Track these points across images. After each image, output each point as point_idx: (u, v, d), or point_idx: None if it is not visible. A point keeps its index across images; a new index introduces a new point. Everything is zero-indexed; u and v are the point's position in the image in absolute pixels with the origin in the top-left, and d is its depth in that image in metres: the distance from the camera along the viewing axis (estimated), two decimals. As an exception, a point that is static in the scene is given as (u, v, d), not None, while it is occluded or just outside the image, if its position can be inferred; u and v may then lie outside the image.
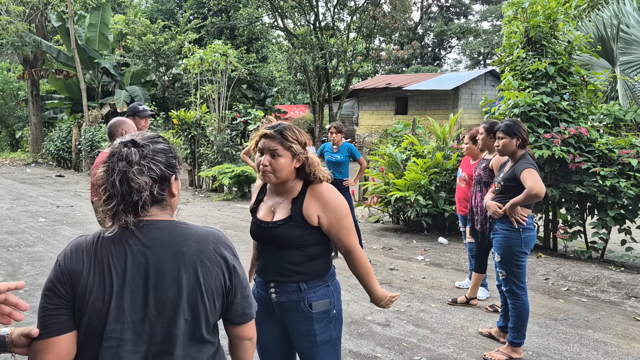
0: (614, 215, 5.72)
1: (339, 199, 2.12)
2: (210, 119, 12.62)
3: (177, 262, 1.37)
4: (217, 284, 1.42)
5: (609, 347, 3.88)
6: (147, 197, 1.36)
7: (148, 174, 1.36)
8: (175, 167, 1.46)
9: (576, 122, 6.09)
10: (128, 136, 1.43)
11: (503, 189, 3.59)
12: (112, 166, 1.36)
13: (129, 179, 1.34)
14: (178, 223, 1.45)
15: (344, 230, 2.10)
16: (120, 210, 1.35)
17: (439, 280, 5.52)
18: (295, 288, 2.11)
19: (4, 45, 18.98)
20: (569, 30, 6.44)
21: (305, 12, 21.51)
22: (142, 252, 1.36)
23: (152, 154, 1.39)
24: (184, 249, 1.39)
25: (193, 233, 1.43)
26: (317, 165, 2.14)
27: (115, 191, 1.34)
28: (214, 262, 1.42)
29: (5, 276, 5.50)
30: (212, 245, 1.44)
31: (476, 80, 22.59)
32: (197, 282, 1.38)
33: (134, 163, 1.35)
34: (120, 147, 1.38)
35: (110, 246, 1.36)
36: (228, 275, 1.45)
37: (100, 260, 1.34)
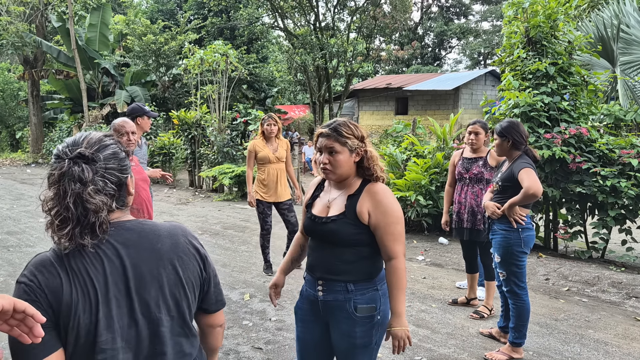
0: (614, 216, 5.72)
1: (394, 203, 2.10)
2: (210, 119, 12.63)
3: (154, 260, 1.35)
4: (195, 275, 1.43)
5: (610, 347, 3.88)
6: (105, 217, 1.27)
7: (104, 190, 1.28)
8: (128, 167, 1.39)
9: (576, 122, 6.09)
10: (70, 142, 1.31)
11: (501, 189, 3.59)
12: (64, 188, 1.24)
13: (84, 200, 1.24)
14: (144, 222, 1.41)
15: (390, 235, 2.06)
16: (76, 234, 1.25)
17: (440, 281, 5.52)
18: (343, 288, 2.10)
19: (5, 46, 18.99)
20: (569, 31, 6.44)
21: (306, 13, 21.52)
22: (117, 255, 1.31)
23: (105, 164, 1.30)
24: (158, 247, 1.37)
25: (162, 229, 1.41)
26: (377, 160, 2.13)
27: (70, 214, 1.24)
28: (189, 254, 1.42)
29: (5, 276, 5.51)
30: (183, 239, 1.43)
31: (476, 80, 22.60)
32: (177, 277, 1.37)
33: (88, 182, 1.25)
34: (70, 166, 1.26)
35: (84, 255, 1.28)
36: (202, 264, 1.46)
37: (78, 271, 1.26)
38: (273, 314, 4.47)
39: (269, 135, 5.49)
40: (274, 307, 4.11)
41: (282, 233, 5.90)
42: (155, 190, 12.15)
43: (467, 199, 4.40)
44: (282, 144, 5.59)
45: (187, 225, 8.57)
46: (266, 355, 3.70)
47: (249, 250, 6.75)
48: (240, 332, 4.08)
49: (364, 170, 2.14)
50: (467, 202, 4.41)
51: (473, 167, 4.37)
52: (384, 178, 2.17)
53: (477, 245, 4.48)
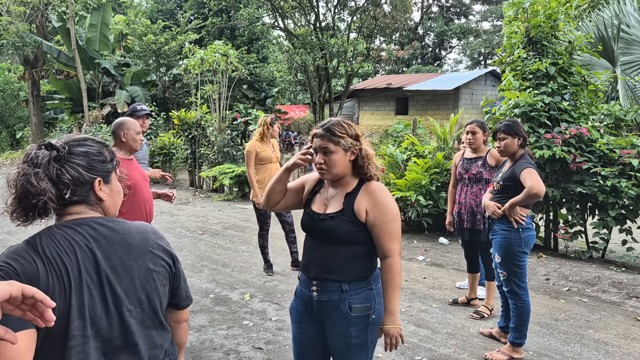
0: (614, 216, 5.72)
1: (391, 201, 2.12)
2: (210, 119, 12.63)
3: (126, 253, 1.40)
4: (165, 269, 1.48)
5: (610, 347, 3.88)
6: (47, 201, 1.33)
7: (57, 177, 1.34)
8: (98, 171, 1.44)
9: (577, 122, 6.09)
10: (56, 139, 1.42)
11: (502, 188, 3.59)
12: (20, 168, 1.36)
13: (27, 182, 1.32)
14: (114, 219, 1.47)
15: (387, 233, 2.08)
16: (17, 211, 1.35)
17: (440, 281, 5.52)
18: (337, 288, 2.11)
19: (5, 46, 19.00)
20: (569, 31, 6.43)
21: (306, 13, 21.52)
22: (89, 247, 1.36)
23: (69, 157, 1.38)
24: (129, 241, 1.42)
25: (132, 226, 1.47)
26: (371, 158, 2.15)
27: (16, 191, 1.34)
28: (159, 250, 1.48)
29: (6, 276, 5.50)
30: (152, 236, 1.49)
31: (477, 80, 22.60)
32: (148, 270, 1.43)
33: (39, 165, 1.34)
34: (33, 149, 1.37)
35: (56, 244, 1.33)
36: (172, 261, 1.51)
37: (52, 257, 1.31)
38: (273, 314, 4.47)
39: (273, 135, 5.54)
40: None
41: (282, 233, 5.90)
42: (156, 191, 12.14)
43: (466, 199, 4.40)
44: (275, 144, 5.68)
45: (187, 225, 8.56)
46: (266, 355, 3.70)
47: (249, 250, 6.74)
48: (240, 332, 4.08)
49: (358, 168, 2.16)
50: (466, 202, 4.41)
51: (472, 167, 4.36)
52: (379, 177, 2.18)
53: (478, 245, 4.48)
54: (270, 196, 2.32)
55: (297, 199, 2.34)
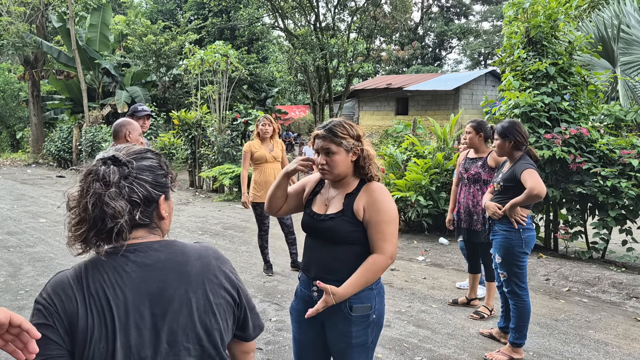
0: (614, 216, 5.72)
1: (390, 202, 2.11)
2: (210, 120, 12.63)
3: (183, 284, 1.23)
4: (227, 300, 1.30)
5: (610, 348, 3.88)
6: (123, 224, 1.18)
7: (128, 197, 1.20)
8: (164, 186, 1.30)
9: (577, 123, 6.09)
10: (112, 150, 1.27)
11: (502, 189, 3.59)
12: (87, 187, 1.19)
13: (103, 202, 1.17)
14: (173, 242, 1.31)
15: (380, 234, 2.07)
16: (90, 238, 1.19)
17: (440, 281, 5.51)
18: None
19: (5, 46, 19.00)
20: (569, 31, 6.43)
21: (306, 13, 21.53)
22: (142, 278, 1.20)
23: (136, 173, 1.23)
24: (187, 269, 1.26)
25: (192, 250, 1.31)
26: (373, 159, 2.15)
27: (87, 216, 1.17)
28: (220, 278, 1.30)
29: (6, 277, 5.51)
30: (214, 262, 1.32)
31: (477, 80, 22.60)
32: (207, 302, 1.25)
33: (112, 184, 1.19)
34: (98, 165, 1.22)
35: (104, 276, 1.19)
36: (235, 290, 1.33)
37: (96, 294, 1.17)
38: (273, 315, 4.47)
39: (264, 136, 5.51)
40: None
41: (281, 233, 5.90)
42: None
43: (465, 199, 4.40)
44: (277, 144, 5.63)
45: (187, 226, 8.55)
46: (266, 355, 3.70)
47: (249, 251, 6.74)
48: (240, 333, 4.08)
49: (359, 169, 2.17)
50: (464, 202, 4.41)
51: (472, 167, 4.36)
52: (380, 177, 2.19)
53: (477, 245, 4.47)
54: (272, 202, 2.32)
55: (298, 202, 2.33)
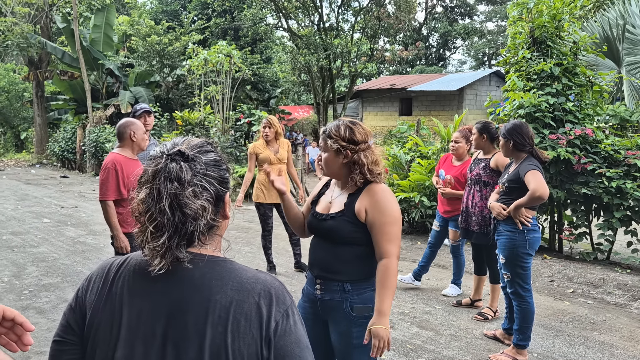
0: (620, 217, 5.68)
1: (392, 203, 2.11)
2: (214, 120, 12.64)
3: (205, 312, 1.06)
4: (250, 350, 1.05)
5: (615, 350, 3.85)
6: (203, 225, 1.07)
7: (204, 195, 1.08)
8: (228, 182, 1.17)
9: (582, 123, 6.06)
10: (169, 144, 1.13)
11: (507, 190, 3.58)
12: (159, 188, 1.05)
13: (182, 204, 1.04)
14: (220, 260, 1.13)
15: (384, 235, 2.07)
16: (172, 246, 1.05)
17: (444, 282, 5.49)
18: (340, 287, 2.12)
19: (10, 47, 19.08)
20: (574, 31, 6.40)
21: (310, 13, 21.52)
22: (166, 292, 1.08)
23: (205, 169, 1.10)
24: (216, 297, 1.06)
25: (234, 277, 1.10)
26: (372, 164, 2.13)
27: (166, 220, 1.04)
28: (252, 321, 1.06)
29: (10, 277, 5.52)
30: (256, 299, 1.08)
31: (481, 81, 22.54)
32: (224, 344, 1.04)
33: (187, 183, 1.05)
34: (167, 162, 1.07)
35: (130, 279, 1.11)
36: (267, 342, 1.06)
37: (115, 293, 1.09)
38: (276, 315, 4.46)
39: (265, 139, 5.51)
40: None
41: (285, 234, 5.89)
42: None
43: (466, 199, 4.39)
44: (283, 144, 5.60)
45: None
46: (269, 356, 3.68)
47: (252, 252, 6.74)
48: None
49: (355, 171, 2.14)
50: (465, 202, 4.39)
51: (475, 168, 4.35)
52: (381, 180, 2.16)
53: (482, 246, 4.45)
54: (294, 224, 2.38)
55: None
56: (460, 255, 5.11)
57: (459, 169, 4.84)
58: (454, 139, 4.82)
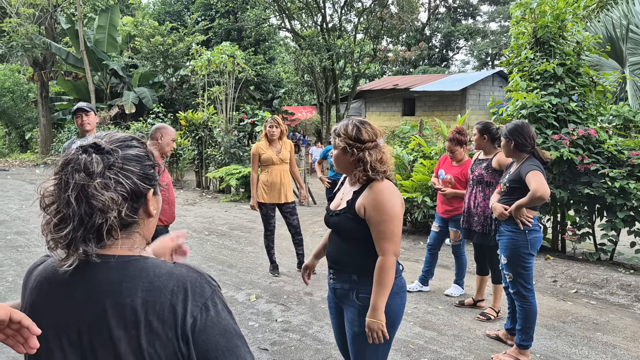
0: (623, 217, 5.67)
1: (389, 201, 2.14)
2: (217, 120, 12.66)
3: (115, 317, 1.01)
4: (168, 352, 1.01)
5: (618, 350, 3.85)
6: (114, 219, 1.03)
7: (116, 189, 1.03)
8: (153, 179, 1.12)
9: (585, 123, 6.05)
10: (91, 137, 1.10)
11: (508, 190, 3.58)
12: (66, 179, 1.02)
13: (88, 195, 1.00)
14: (133, 259, 1.07)
15: (379, 233, 2.13)
16: (78, 238, 1.01)
17: (446, 282, 5.49)
18: (348, 278, 2.25)
19: (14, 47, 19.18)
20: (577, 31, 6.39)
21: (313, 14, 21.53)
22: (78, 298, 1.04)
23: (122, 163, 1.06)
24: (126, 300, 1.02)
25: (145, 276, 1.04)
26: (375, 162, 2.18)
27: (71, 212, 1.00)
28: (166, 321, 1.01)
29: (14, 276, 5.55)
30: (167, 296, 1.02)
31: (484, 81, 22.50)
32: (139, 348, 1.00)
33: (96, 175, 1.02)
34: (78, 154, 1.04)
35: (44, 284, 1.07)
36: (184, 340, 1.01)
37: (33, 301, 1.07)
38: (279, 315, 4.47)
39: (271, 138, 5.51)
40: (306, 285, 4.28)
41: (288, 234, 5.90)
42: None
43: (468, 199, 4.39)
44: (285, 145, 5.61)
45: (194, 226, 8.57)
46: (272, 356, 3.70)
47: (255, 251, 6.76)
48: (246, 333, 4.09)
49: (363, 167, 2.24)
50: (467, 203, 4.39)
51: (477, 168, 4.35)
52: (382, 177, 2.19)
53: (484, 247, 4.45)
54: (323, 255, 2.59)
55: None
56: (462, 255, 5.11)
57: (458, 169, 4.85)
58: (448, 148, 4.87)
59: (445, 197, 4.91)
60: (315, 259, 2.64)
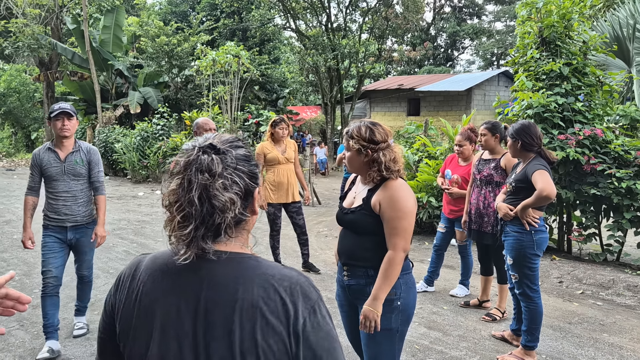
0: (630, 218, 5.64)
1: (403, 198, 2.22)
2: (222, 120, 12.69)
3: (232, 311, 1.06)
4: (278, 347, 1.05)
5: (625, 352, 3.82)
6: (231, 219, 1.09)
7: (233, 188, 1.09)
8: (257, 178, 1.18)
9: (591, 123, 6.02)
10: (202, 139, 1.15)
11: (514, 190, 3.56)
12: (190, 178, 1.07)
13: (211, 195, 1.06)
14: (246, 257, 1.13)
15: (393, 229, 2.20)
16: (198, 236, 1.06)
17: (451, 283, 5.48)
18: (364, 273, 2.30)
19: (21, 48, 19.28)
20: (584, 30, 6.36)
21: (317, 13, 21.54)
22: (195, 291, 1.08)
23: (235, 163, 1.11)
24: (244, 295, 1.06)
25: (260, 274, 1.10)
26: (389, 162, 2.26)
27: (194, 211, 1.06)
28: (280, 318, 1.06)
29: (20, 275, 5.57)
30: (283, 295, 1.08)
31: (489, 81, 22.43)
32: (253, 341, 1.04)
33: (218, 175, 1.07)
34: (199, 154, 1.10)
35: (161, 277, 1.12)
36: (295, 338, 1.06)
37: (147, 293, 1.10)
38: (284, 315, 4.47)
39: (279, 139, 5.51)
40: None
41: (293, 234, 5.90)
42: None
43: (477, 200, 4.35)
44: (289, 145, 5.61)
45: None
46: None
47: (260, 252, 6.76)
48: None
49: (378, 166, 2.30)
50: (476, 204, 4.36)
51: (484, 168, 4.32)
52: (396, 176, 2.28)
53: (489, 247, 4.43)
54: None
55: None
56: (468, 256, 5.09)
57: (465, 168, 4.82)
58: (457, 142, 4.83)
59: (452, 197, 4.89)
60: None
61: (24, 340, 3.98)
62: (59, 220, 3.79)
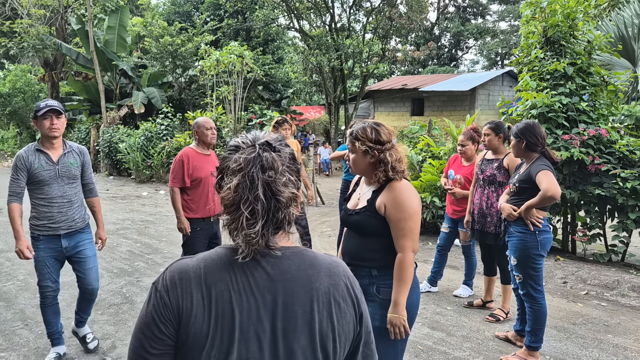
0: (634, 218, 5.61)
1: (408, 199, 2.22)
2: (226, 120, 12.70)
3: (309, 301, 1.10)
4: (349, 328, 1.14)
5: (629, 353, 3.80)
6: (291, 215, 1.12)
7: (289, 185, 1.12)
8: (300, 176, 1.21)
9: (596, 123, 5.99)
10: (251, 136, 1.16)
11: (518, 190, 3.55)
12: (252, 176, 1.07)
13: (274, 192, 1.08)
14: (303, 249, 1.19)
15: (400, 231, 2.20)
16: (266, 233, 1.08)
17: (455, 283, 5.47)
18: (367, 273, 2.28)
19: (26, 48, 19.35)
20: (588, 30, 6.33)
21: (321, 13, 21.53)
22: (269, 288, 1.09)
23: (288, 161, 1.14)
24: (316, 285, 1.12)
25: (322, 264, 1.16)
26: (395, 162, 2.25)
27: (261, 207, 1.06)
28: (347, 301, 1.15)
29: (25, 275, 5.60)
30: (344, 280, 1.17)
31: (493, 81, 22.37)
32: (331, 326, 1.11)
33: (279, 172, 1.09)
34: (259, 152, 1.10)
35: (231, 277, 1.08)
36: (359, 317, 1.17)
37: (220, 296, 1.06)
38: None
39: (285, 136, 5.52)
40: None
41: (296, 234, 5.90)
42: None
43: (480, 200, 4.34)
44: (292, 145, 5.61)
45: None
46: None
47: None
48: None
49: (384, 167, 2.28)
50: (479, 204, 4.34)
51: (487, 168, 4.31)
52: (401, 177, 2.27)
53: (492, 247, 4.41)
54: None
55: None
56: (472, 256, 5.08)
57: (469, 169, 4.81)
58: (460, 142, 4.80)
59: (455, 198, 4.88)
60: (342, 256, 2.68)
61: (29, 339, 3.99)
62: (52, 229, 3.48)
